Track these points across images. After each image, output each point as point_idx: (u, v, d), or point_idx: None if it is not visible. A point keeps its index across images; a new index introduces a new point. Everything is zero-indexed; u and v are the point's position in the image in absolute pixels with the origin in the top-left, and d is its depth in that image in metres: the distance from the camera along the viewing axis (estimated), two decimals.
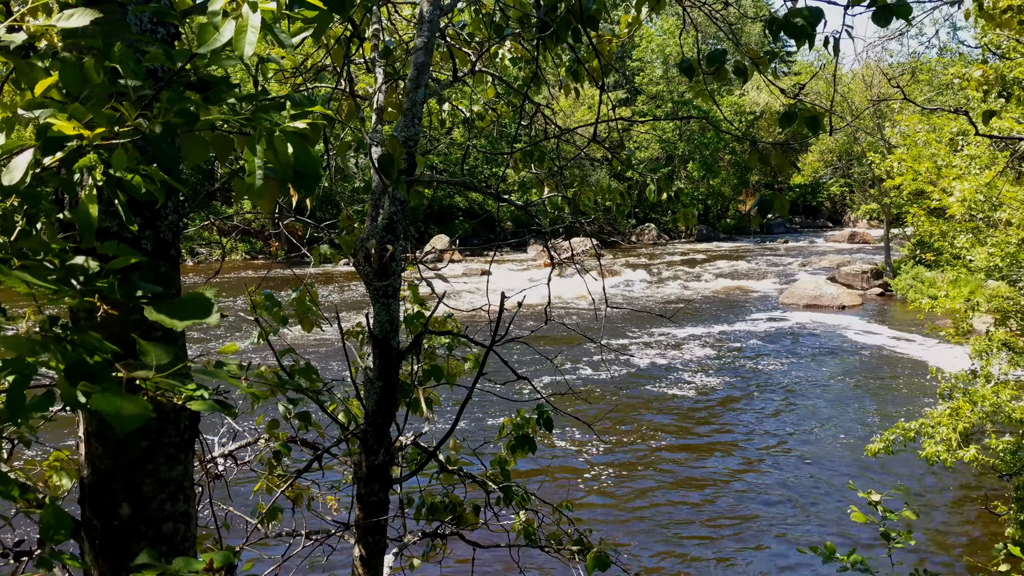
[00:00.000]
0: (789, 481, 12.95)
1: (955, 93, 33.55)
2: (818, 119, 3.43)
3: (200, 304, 1.48)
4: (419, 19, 3.20)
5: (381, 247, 2.98)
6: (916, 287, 28.75)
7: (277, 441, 3.34)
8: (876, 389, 18.41)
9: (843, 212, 62.55)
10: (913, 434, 10.17)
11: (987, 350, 11.41)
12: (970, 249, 13.27)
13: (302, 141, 1.74)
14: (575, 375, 19.00)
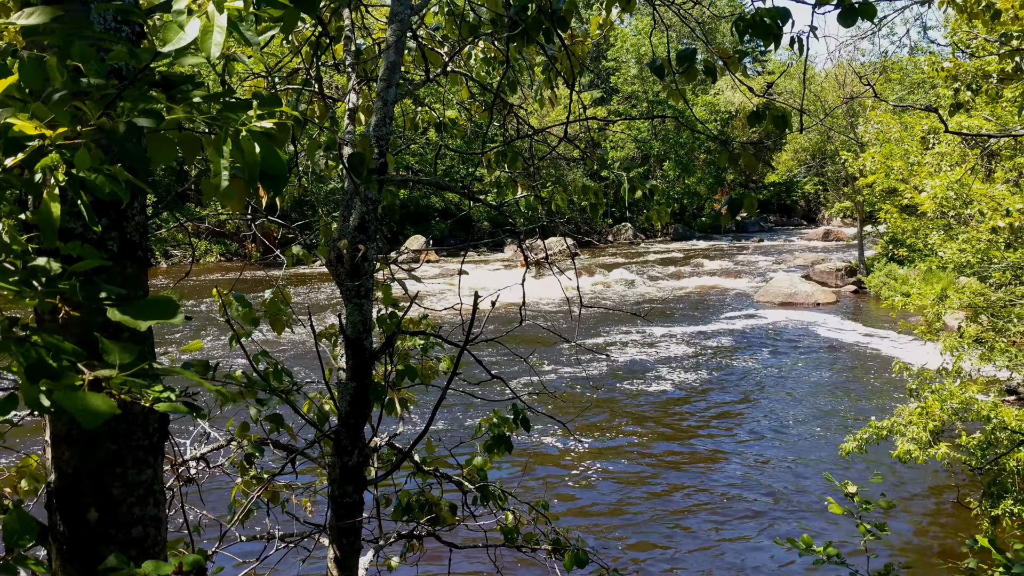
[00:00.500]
0: (766, 475, 13.04)
1: (926, 92, 33.94)
2: (786, 118, 3.45)
3: (165, 305, 1.47)
4: (389, 17, 3.19)
5: (353, 247, 2.97)
6: (889, 284, 29.06)
7: (249, 444, 3.31)
8: (850, 385, 18.57)
9: (817, 210, 63.06)
10: (886, 432, 10.27)
11: (958, 346, 11.54)
12: (941, 245, 13.42)
13: (269, 141, 1.73)
14: (552, 375, 19.03)
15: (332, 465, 3.21)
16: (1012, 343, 11.75)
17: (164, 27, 1.64)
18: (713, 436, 15.12)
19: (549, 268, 5.05)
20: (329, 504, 3.26)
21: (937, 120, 11.54)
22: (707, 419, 16.14)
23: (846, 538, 9.68)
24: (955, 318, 18.08)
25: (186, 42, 1.62)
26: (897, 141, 19.76)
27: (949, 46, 10.34)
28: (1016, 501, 9.50)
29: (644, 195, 4.82)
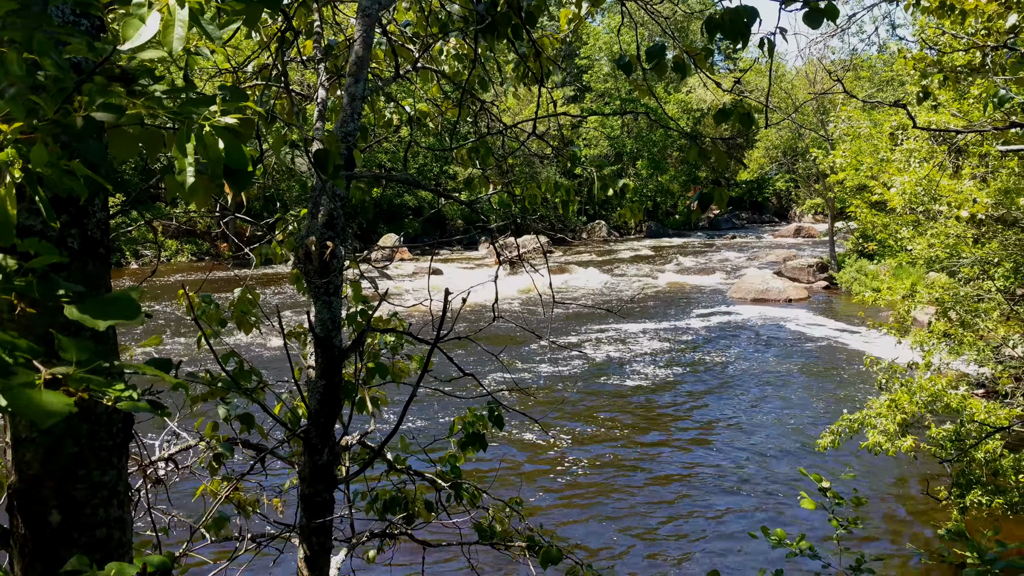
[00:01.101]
0: (740, 468, 13.12)
1: (895, 89, 34.26)
2: (751, 115, 3.47)
3: (124, 304, 1.44)
4: (357, 12, 3.17)
5: (321, 244, 2.95)
6: (860, 280, 29.35)
7: (217, 444, 3.28)
8: (822, 379, 18.74)
9: (789, 207, 63.52)
10: (857, 425, 10.36)
11: (927, 340, 11.66)
12: (911, 241, 13.55)
13: (233, 137, 1.71)
14: (526, 372, 19.04)
15: (302, 464, 3.19)
16: (980, 337, 11.89)
17: (124, 21, 1.61)
18: (687, 431, 15.20)
19: (522, 266, 5.05)
20: (299, 503, 3.24)
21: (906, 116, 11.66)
22: (681, 414, 16.22)
23: (820, 529, 9.76)
24: (925, 313, 18.28)
25: (147, 36, 1.59)
26: (867, 138, 19.96)
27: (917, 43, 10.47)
28: (985, 491, 9.62)
29: (615, 193, 4.83)
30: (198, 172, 1.71)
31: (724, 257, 42.14)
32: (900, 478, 12.50)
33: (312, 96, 4.28)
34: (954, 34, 6.82)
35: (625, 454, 13.86)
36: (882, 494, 11.99)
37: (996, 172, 11.13)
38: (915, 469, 12.34)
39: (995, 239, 11.14)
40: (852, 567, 5.13)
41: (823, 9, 3.48)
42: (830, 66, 34.14)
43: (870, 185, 15.85)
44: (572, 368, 19.56)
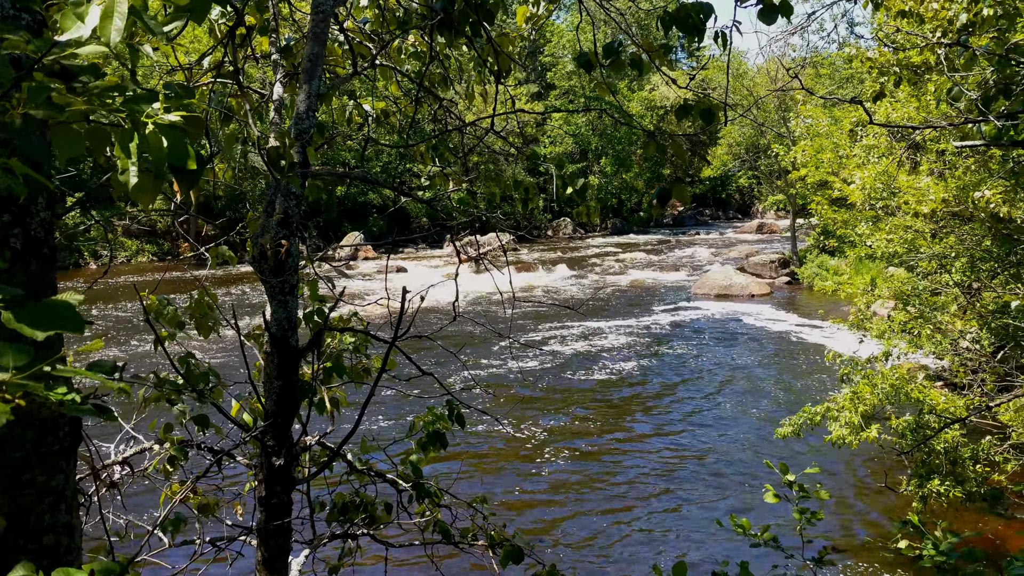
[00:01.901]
0: (703, 462, 13.23)
1: (855, 87, 34.71)
2: (712, 111, 3.49)
3: (64, 311, 1.40)
4: (312, 8, 3.13)
5: (276, 243, 2.91)
6: (821, 275, 29.74)
7: (172, 446, 3.23)
8: (785, 373, 18.94)
9: (751, 204, 64.16)
10: (819, 418, 10.48)
11: (888, 330, 11.83)
12: (870, 236, 13.73)
13: (178, 134, 1.68)
14: (490, 370, 19.04)
15: (259, 466, 3.15)
16: (938, 330, 12.07)
17: (62, 15, 1.58)
18: (651, 425, 15.29)
19: (484, 264, 5.03)
20: (256, 506, 3.20)
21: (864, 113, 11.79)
22: (645, 409, 16.31)
23: (784, 520, 9.86)
24: (885, 307, 18.54)
25: (86, 30, 1.56)
26: (827, 135, 20.19)
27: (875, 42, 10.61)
28: (944, 482, 9.77)
29: (575, 191, 4.84)
30: (145, 170, 1.68)
31: (688, 253, 42.45)
32: (862, 469, 12.67)
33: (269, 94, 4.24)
34: (910, 32, 6.91)
35: (589, 450, 13.91)
36: (844, 485, 12.14)
37: (953, 168, 11.30)
38: (877, 460, 12.52)
39: (952, 234, 11.31)
40: (815, 558, 5.19)
41: (777, 6, 3.51)
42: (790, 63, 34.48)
43: (830, 181, 16.04)
44: (535, 366, 19.59)
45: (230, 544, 3.62)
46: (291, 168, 2.53)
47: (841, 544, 10.30)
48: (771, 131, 35.39)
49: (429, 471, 10.54)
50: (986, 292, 11.87)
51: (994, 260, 11.33)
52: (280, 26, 4.44)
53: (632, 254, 42.38)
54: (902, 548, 5.57)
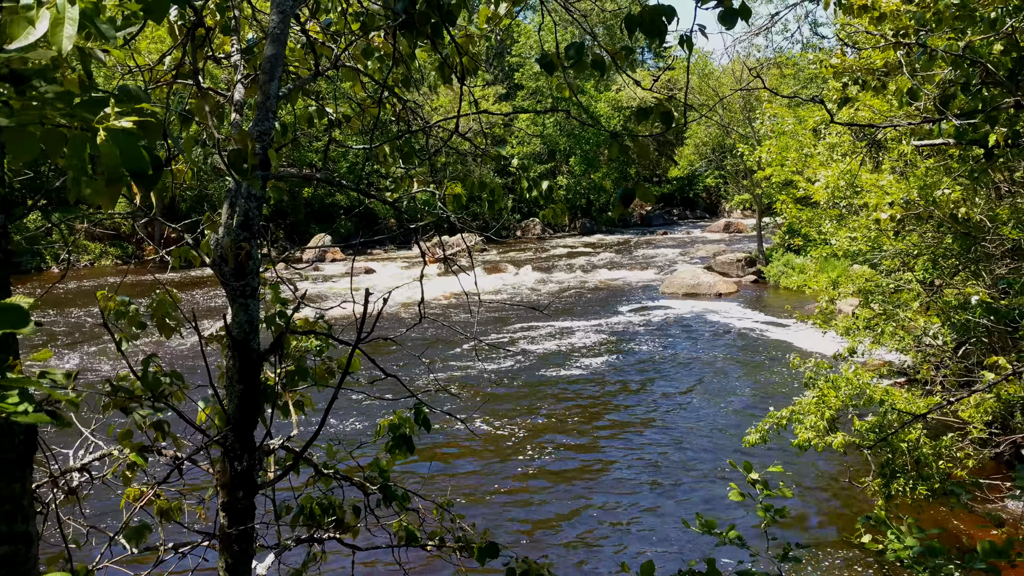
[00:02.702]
0: (671, 461, 13.30)
1: (819, 86, 35.09)
2: (671, 113, 3.51)
3: (13, 313, 1.39)
4: (272, 8, 3.11)
5: (237, 245, 2.89)
6: (787, 273, 30.04)
7: (131, 452, 3.19)
8: (752, 370, 19.10)
9: (718, 203, 64.67)
10: (785, 422, 10.56)
11: (853, 327, 11.96)
12: (834, 234, 13.89)
13: (130, 139, 1.66)
14: (456, 372, 19.02)
15: (222, 471, 3.12)
16: (901, 327, 12.23)
17: (12, 20, 1.55)
18: (619, 424, 15.35)
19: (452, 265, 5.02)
20: (219, 511, 3.17)
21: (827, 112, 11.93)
22: (613, 409, 16.37)
23: (750, 518, 9.95)
24: (849, 304, 18.75)
25: (35, 36, 1.54)
26: (792, 134, 20.39)
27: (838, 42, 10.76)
28: (908, 479, 9.89)
29: (540, 193, 4.84)
30: (101, 174, 1.66)
31: (656, 253, 42.68)
32: (827, 469, 12.81)
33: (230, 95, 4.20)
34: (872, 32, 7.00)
35: (557, 450, 13.94)
36: (809, 485, 12.27)
37: (914, 167, 11.46)
38: (842, 460, 12.66)
39: (914, 232, 11.48)
40: (779, 556, 5.24)
41: (737, 9, 3.55)
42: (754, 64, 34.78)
43: (795, 180, 16.21)
44: (504, 366, 19.60)
45: (193, 550, 3.59)
46: (252, 170, 2.51)
47: (807, 541, 10.40)
48: (735, 132, 35.70)
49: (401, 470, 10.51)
50: (947, 289, 12.05)
51: (955, 257, 11.51)
52: (243, 27, 4.41)
53: (601, 254, 42.55)
54: (866, 543, 5.64)
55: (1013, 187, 10.49)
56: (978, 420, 10.05)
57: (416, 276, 4.14)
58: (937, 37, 5.63)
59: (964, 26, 5.43)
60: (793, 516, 11.13)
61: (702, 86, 38.62)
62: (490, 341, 21.99)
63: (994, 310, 9.48)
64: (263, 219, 4.32)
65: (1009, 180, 10.69)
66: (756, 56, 39.16)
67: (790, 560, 5.22)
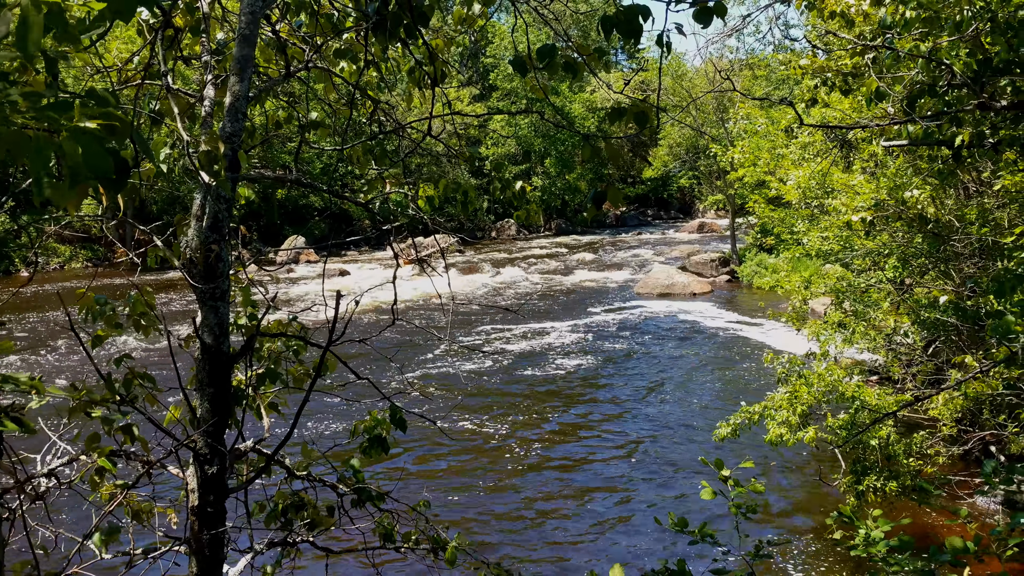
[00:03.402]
0: (645, 458, 13.36)
1: (791, 87, 35.38)
2: (646, 114, 3.53)
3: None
4: (240, 9, 3.10)
5: (206, 248, 2.87)
6: (760, 273, 30.28)
7: (99, 457, 3.16)
8: (725, 370, 19.22)
9: (692, 204, 65.02)
10: (757, 417, 10.64)
11: (823, 330, 12.08)
12: (805, 234, 14.01)
13: (95, 141, 1.65)
14: (431, 372, 18.99)
15: (191, 474, 3.10)
16: (872, 327, 12.36)
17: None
18: (594, 423, 15.39)
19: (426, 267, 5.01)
20: (188, 515, 3.15)
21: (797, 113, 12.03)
22: (588, 408, 16.41)
23: (723, 515, 10.02)
24: (821, 304, 18.93)
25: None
26: (764, 135, 20.56)
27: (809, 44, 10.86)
28: (879, 476, 10.00)
29: (513, 194, 4.85)
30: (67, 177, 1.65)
31: (631, 253, 42.85)
32: (800, 466, 12.91)
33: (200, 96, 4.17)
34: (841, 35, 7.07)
35: (530, 449, 13.96)
36: (783, 481, 12.36)
37: (884, 167, 11.59)
38: (815, 457, 12.77)
39: (885, 232, 11.60)
40: (751, 552, 5.28)
41: (711, 8, 3.57)
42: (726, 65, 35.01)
43: (767, 180, 16.34)
44: (478, 367, 19.60)
45: (164, 555, 3.56)
46: (220, 172, 2.50)
47: (779, 538, 10.48)
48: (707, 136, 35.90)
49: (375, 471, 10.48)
50: (917, 288, 12.19)
51: (924, 256, 11.64)
52: (213, 27, 4.38)
53: (576, 254, 42.65)
54: (837, 539, 5.71)
55: (980, 187, 10.64)
56: (947, 417, 10.19)
57: (390, 278, 4.13)
58: (905, 40, 5.70)
59: (931, 30, 5.50)
60: (767, 512, 11.22)
61: (676, 87, 38.82)
62: (465, 342, 21.99)
63: (962, 309, 9.61)
64: (235, 221, 4.30)
65: (977, 180, 10.84)
66: (729, 58, 39.46)
67: (762, 557, 5.27)
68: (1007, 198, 8.90)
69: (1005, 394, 9.51)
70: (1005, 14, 5.04)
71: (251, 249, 23.03)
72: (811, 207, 13.62)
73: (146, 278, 29.50)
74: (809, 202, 13.57)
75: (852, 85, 6.85)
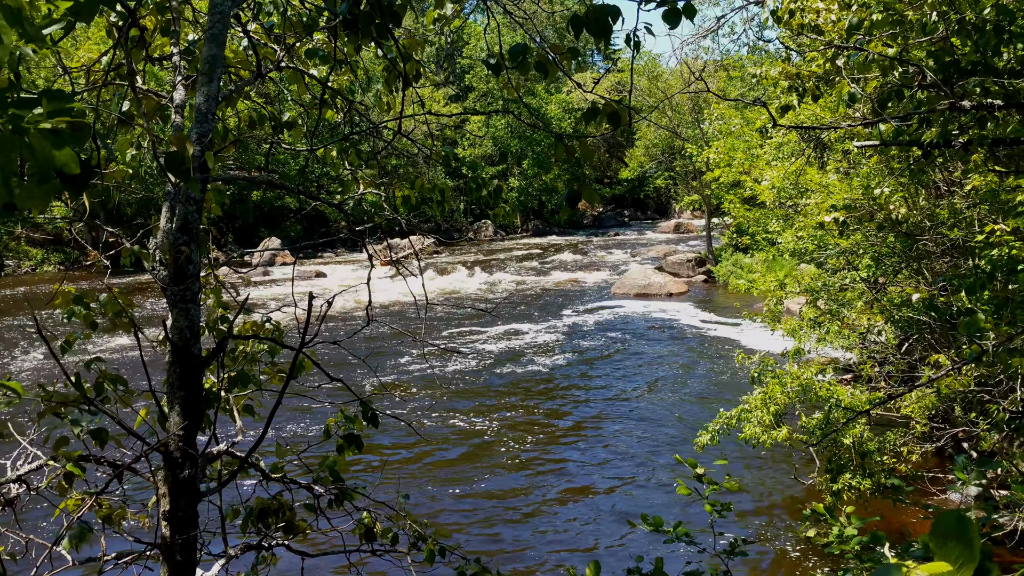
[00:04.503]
0: (621, 459, 13.39)
1: (765, 89, 35.63)
2: (619, 113, 3.53)
3: None
4: (208, 9, 3.07)
5: (176, 250, 2.85)
6: (736, 272, 30.47)
7: (68, 461, 3.12)
8: (702, 368, 19.31)
9: (669, 204, 65.33)
10: (735, 421, 10.70)
11: (798, 329, 12.16)
12: (781, 233, 14.11)
13: (58, 140, 1.63)
14: (407, 374, 18.95)
15: (163, 479, 3.07)
16: (846, 326, 12.46)
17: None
18: (569, 425, 15.42)
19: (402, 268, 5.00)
20: (159, 520, 3.12)
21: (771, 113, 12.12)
22: (564, 408, 16.43)
23: (699, 515, 10.05)
24: (796, 303, 19.06)
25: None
26: (739, 135, 20.70)
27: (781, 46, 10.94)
28: (854, 475, 10.08)
29: (489, 193, 4.85)
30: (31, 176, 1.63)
31: (608, 254, 42.98)
32: (776, 466, 12.99)
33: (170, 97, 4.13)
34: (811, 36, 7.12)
35: (505, 450, 13.96)
36: (758, 482, 12.43)
37: (857, 166, 11.69)
38: (790, 457, 12.85)
39: (858, 231, 11.70)
40: (726, 551, 5.31)
41: (680, 9, 3.59)
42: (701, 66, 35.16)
43: (743, 181, 16.45)
44: (455, 368, 19.58)
45: (136, 560, 3.52)
46: (188, 173, 2.48)
47: (756, 535, 10.55)
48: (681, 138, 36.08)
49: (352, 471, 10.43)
50: (891, 287, 12.30)
51: (897, 256, 11.75)
52: (183, 27, 4.35)
53: (553, 255, 42.72)
54: (811, 537, 5.75)
55: (951, 187, 10.76)
56: (919, 415, 10.28)
57: (366, 279, 4.11)
58: (875, 42, 5.76)
59: (899, 32, 5.56)
60: (742, 512, 11.28)
61: (652, 88, 38.98)
62: (441, 343, 21.96)
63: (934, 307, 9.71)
64: (209, 223, 4.27)
65: (947, 181, 10.95)
66: (704, 58, 39.65)
67: (737, 555, 5.30)
68: (976, 198, 9.01)
69: (976, 391, 9.62)
70: (972, 16, 5.10)
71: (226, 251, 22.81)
72: (785, 207, 13.72)
73: (119, 280, 29.23)
74: (783, 202, 13.67)
75: (823, 91, 6.90)
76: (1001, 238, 6.18)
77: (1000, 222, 6.66)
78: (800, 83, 6.85)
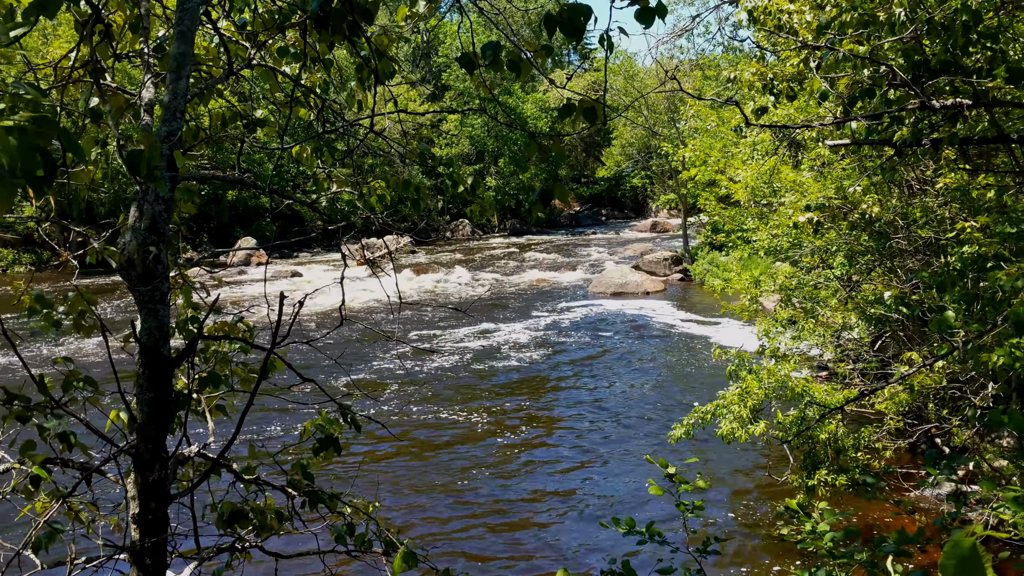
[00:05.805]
0: (595, 458, 13.41)
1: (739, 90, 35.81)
2: (595, 110, 3.53)
3: None
4: (177, 5, 3.04)
5: (144, 249, 2.81)
6: (712, 271, 30.62)
7: (34, 465, 3.07)
8: (678, 366, 19.39)
9: (645, 203, 65.51)
10: (710, 416, 10.73)
11: (772, 327, 12.22)
12: (755, 232, 14.18)
13: (22, 137, 1.60)
14: (380, 374, 18.89)
15: (132, 481, 3.03)
16: (820, 324, 12.53)
17: None
18: (548, 421, 15.43)
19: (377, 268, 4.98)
20: (129, 523, 3.08)
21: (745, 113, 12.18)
22: (540, 408, 16.44)
23: (672, 515, 10.09)
24: (772, 301, 19.18)
25: None
26: (714, 133, 20.77)
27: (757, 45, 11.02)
28: (829, 471, 10.15)
29: (466, 189, 4.83)
30: None
31: (585, 253, 43.04)
32: (751, 463, 13.06)
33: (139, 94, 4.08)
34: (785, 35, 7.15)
35: (479, 448, 13.95)
36: (732, 478, 12.49)
37: (831, 165, 11.78)
38: (765, 454, 12.92)
39: (832, 230, 11.78)
40: (699, 549, 5.32)
41: (653, 8, 3.59)
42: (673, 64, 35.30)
43: (718, 179, 16.51)
44: (428, 368, 19.54)
45: (105, 564, 3.48)
46: (155, 172, 2.45)
47: (728, 535, 10.59)
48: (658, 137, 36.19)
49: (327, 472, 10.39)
50: (865, 284, 12.40)
51: (871, 254, 11.85)
52: (154, 24, 4.30)
53: (530, 254, 42.72)
54: (784, 534, 5.78)
55: (923, 186, 10.86)
56: (892, 411, 10.37)
57: (347, 276, 4.09)
58: (847, 41, 5.79)
59: (870, 32, 5.59)
60: (716, 510, 11.33)
61: (628, 87, 39.06)
62: (416, 343, 21.91)
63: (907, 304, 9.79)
64: (182, 222, 4.22)
65: (920, 179, 11.05)
66: (680, 58, 39.80)
67: (710, 553, 5.31)
68: (947, 196, 9.10)
69: (948, 388, 9.71)
70: (942, 16, 5.14)
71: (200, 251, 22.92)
72: (760, 206, 13.79)
73: (90, 281, 28.91)
74: (758, 200, 13.73)
75: (796, 91, 6.94)
76: (971, 235, 6.24)
77: (970, 219, 6.72)
78: (773, 84, 6.88)
